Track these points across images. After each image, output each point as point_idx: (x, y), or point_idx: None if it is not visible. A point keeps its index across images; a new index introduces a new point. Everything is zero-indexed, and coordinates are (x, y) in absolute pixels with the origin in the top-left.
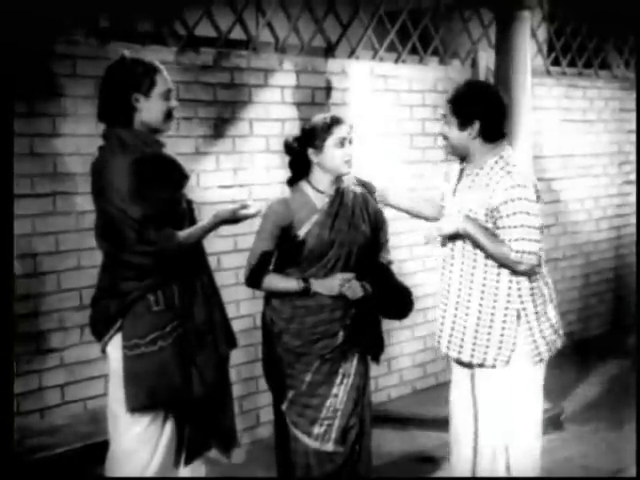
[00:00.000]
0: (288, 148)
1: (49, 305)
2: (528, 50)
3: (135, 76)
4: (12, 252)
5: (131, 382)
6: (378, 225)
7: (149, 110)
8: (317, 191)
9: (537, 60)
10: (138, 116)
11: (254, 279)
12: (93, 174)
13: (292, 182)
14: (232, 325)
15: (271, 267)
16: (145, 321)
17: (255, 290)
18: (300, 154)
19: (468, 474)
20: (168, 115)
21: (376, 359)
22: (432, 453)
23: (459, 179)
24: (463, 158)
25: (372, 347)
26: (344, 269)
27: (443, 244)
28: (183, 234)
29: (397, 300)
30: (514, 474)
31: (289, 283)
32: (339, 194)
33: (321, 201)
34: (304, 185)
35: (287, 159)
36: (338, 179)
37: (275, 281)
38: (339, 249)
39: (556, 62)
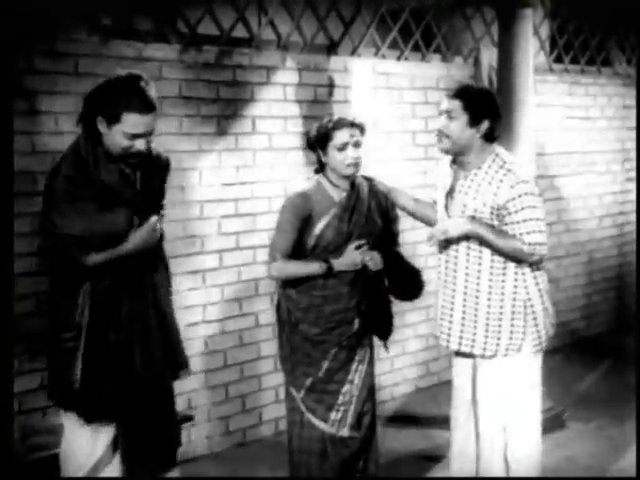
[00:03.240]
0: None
1: None
2: (530, 47)
3: (104, 102)
4: (12, 251)
5: None
6: (392, 218)
7: (109, 139)
8: (334, 185)
9: (539, 57)
10: (104, 137)
11: (277, 271)
12: None
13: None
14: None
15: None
16: (55, 320)
17: (273, 280)
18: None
19: (471, 458)
20: (128, 154)
21: (385, 339)
22: (434, 451)
23: (454, 181)
24: (455, 160)
25: (384, 332)
26: None
27: (445, 247)
28: (94, 256)
29: (410, 281)
30: (512, 455)
31: (312, 267)
32: (355, 188)
33: (338, 195)
34: (322, 179)
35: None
36: (349, 176)
37: (297, 268)
38: (356, 241)
39: (558, 59)
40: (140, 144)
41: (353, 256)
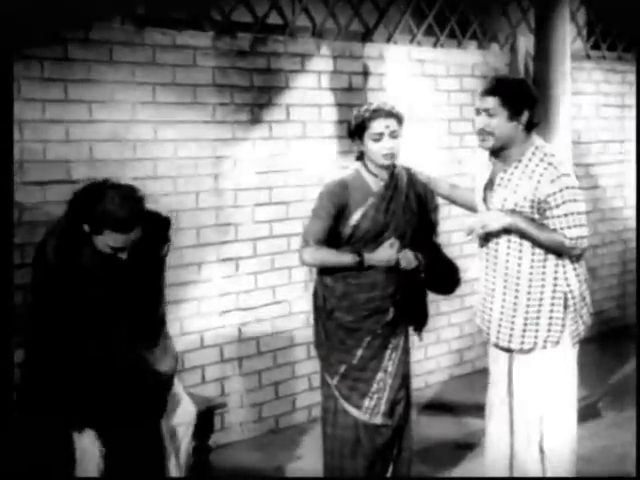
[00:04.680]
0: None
1: None
2: (568, 34)
3: (89, 213)
4: (12, 243)
5: None
6: (431, 207)
7: (96, 241)
8: (372, 174)
9: (576, 44)
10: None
11: (309, 256)
12: None
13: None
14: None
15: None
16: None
17: (310, 267)
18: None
19: (505, 447)
20: (114, 257)
21: (419, 330)
22: (468, 439)
23: (493, 174)
24: (496, 154)
25: (418, 320)
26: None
27: (486, 240)
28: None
29: (446, 275)
30: (548, 445)
31: (344, 258)
32: (394, 178)
33: (376, 184)
34: (360, 168)
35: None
36: (388, 166)
37: (329, 256)
38: (393, 232)
39: (596, 46)
40: (122, 254)
41: (386, 254)
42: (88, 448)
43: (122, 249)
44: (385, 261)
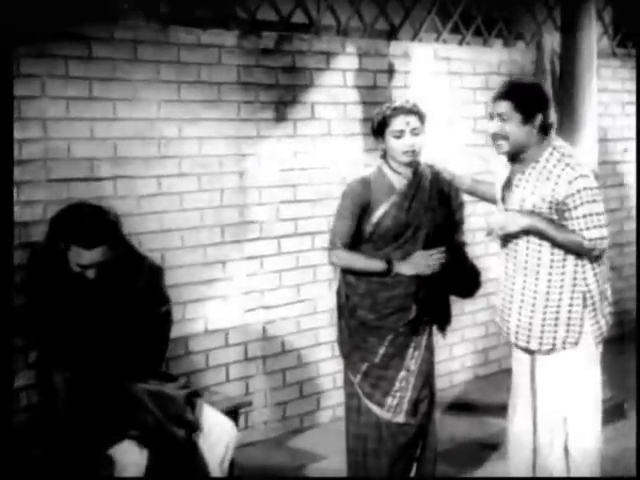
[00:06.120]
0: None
1: None
2: (594, 31)
3: (61, 230)
4: (12, 242)
5: None
6: (455, 206)
7: (69, 260)
8: (395, 172)
9: (603, 42)
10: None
11: (338, 259)
12: None
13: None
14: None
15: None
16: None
17: (335, 267)
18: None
19: (528, 448)
20: (83, 274)
21: (442, 330)
22: (492, 439)
23: (512, 175)
24: (513, 157)
25: (441, 319)
26: (418, 249)
27: (507, 241)
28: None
29: (467, 279)
30: (573, 446)
31: (372, 263)
32: (417, 176)
33: (399, 182)
34: (383, 165)
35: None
36: (410, 163)
37: (358, 260)
38: (415, 230)
39: (622, 44)
40: (90, 273)
41: (419, 263)
42: (126, 458)
43: (88, 267)
44: (417, 271)
